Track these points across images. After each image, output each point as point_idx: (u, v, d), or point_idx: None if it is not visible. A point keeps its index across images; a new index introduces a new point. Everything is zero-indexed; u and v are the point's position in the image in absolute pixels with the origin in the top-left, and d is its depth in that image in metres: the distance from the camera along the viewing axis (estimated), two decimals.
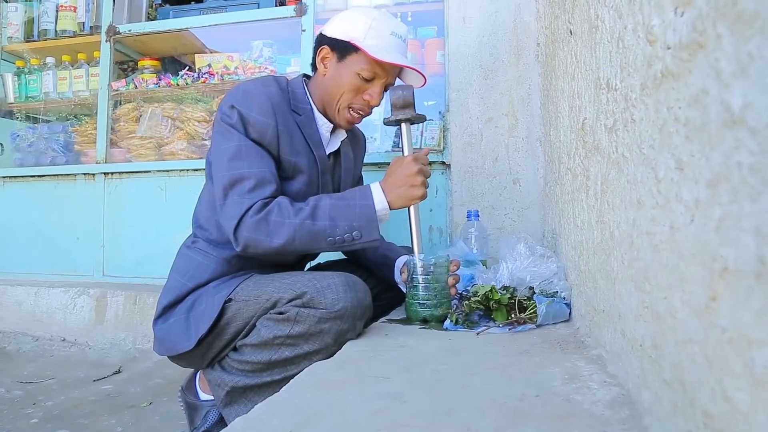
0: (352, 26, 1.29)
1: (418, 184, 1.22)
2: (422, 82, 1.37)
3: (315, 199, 1.20)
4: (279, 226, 1.15)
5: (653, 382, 0.58)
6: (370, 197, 1.21)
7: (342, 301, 1.07)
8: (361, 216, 1.18)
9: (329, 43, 1.33)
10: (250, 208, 1.15)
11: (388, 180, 1.24)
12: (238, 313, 1.16)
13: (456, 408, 0.67)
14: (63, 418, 1.45)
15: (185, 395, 1.33)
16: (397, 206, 1.23)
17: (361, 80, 1.30)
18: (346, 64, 1.30)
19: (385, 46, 1.29)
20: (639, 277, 0.63)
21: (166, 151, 2.49)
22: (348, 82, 1.30)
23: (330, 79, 1.33)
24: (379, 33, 1.29)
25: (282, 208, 1.16)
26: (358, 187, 1.25)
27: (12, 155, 2.78)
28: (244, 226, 1.15)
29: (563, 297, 1.20)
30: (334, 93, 1.32)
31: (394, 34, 1.31)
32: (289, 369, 1.11)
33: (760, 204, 0.35)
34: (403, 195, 1.22)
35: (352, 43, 1.28)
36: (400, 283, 1.41)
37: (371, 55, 1.25)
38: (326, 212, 1.17)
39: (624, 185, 0.70)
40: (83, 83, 2.68)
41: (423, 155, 1.27)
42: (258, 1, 2.48)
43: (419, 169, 1.23)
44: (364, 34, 1.28)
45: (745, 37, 0.36)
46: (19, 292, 2.35)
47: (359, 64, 1.29)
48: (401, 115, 1.30)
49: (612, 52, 0.76)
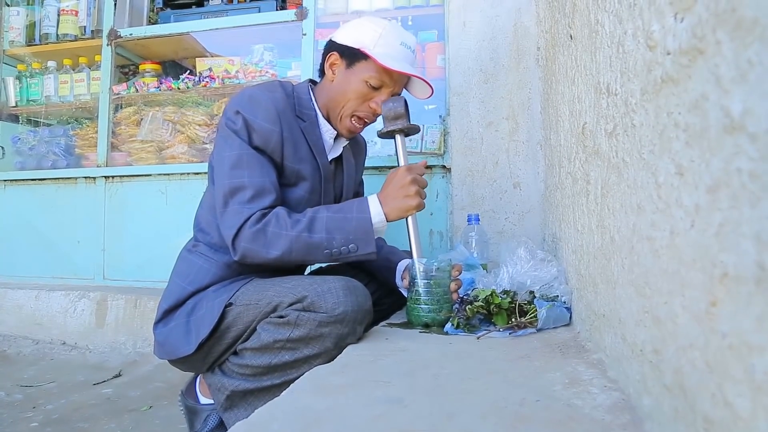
0: (362, 34, 1.31)
1: (412, 194, 1.22)
2: (429, 92, 1.38)
3: (312, 211, 1.20)
4: (276, 238, 1.15)
5: (654, 387, 0.58)
6: (366, 210, 1.21)
7: (342, 305, 1.07)
8: (357, 229, 1.18)
9: (338, 49, 1.34)
10: (248, 218, 1.16)
11: (384, 192, 1.24)
12: (239, 317, 1.16)
13: (457, 413, 0.67)
14: (63, 421, 1.45)
15: (185, 399, 1.33)
16: (393, 218, 1.23)
17: (369, 88, 1.31)
18: (355, 71, 1.31)
19: (394, 55, 1.29)
20: (639, 281, 0.63)
21: (166, 155, 2.50)
22: (355, 89, 1.31)
23: (337, 85, 1.34)
24: (389, 42, 1.30)
25: (280, 219, 1.16)
26: (356, 199, 1.25)
27: (13, 159, 2.79)
28: (242, 236, 1.16)
29: (564, 301, 1.20)
30: (340, 99, 1.33)
31: (404, 44, 1.32)
32: (289, 373, 1.11)
33: (759, 210, 0.35)
34: (398, 206, 1.22)
35: (361, 51, 1.29)
36: (402, 288, 1.41)
37: (380, 63, 1.26)
38: (323, 225, 1.17)
39: (624, 190, 0.70)
40: (84, 87, 2.68)
41: (418, 165, 1.27)
42: (259, 5, 2.49)
43: (413, 179, 1.23)
44: (374, 43, 1.29)
45: (745, 44, 0.36)
46: (19, 295, 2.35)
47: (367, 72, 1.30)
48: (393, 126, 1.30)
49: (612, 57, 0.76)
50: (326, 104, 1.36)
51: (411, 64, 1.35)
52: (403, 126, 1.30)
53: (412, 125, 1.32)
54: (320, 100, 1.37)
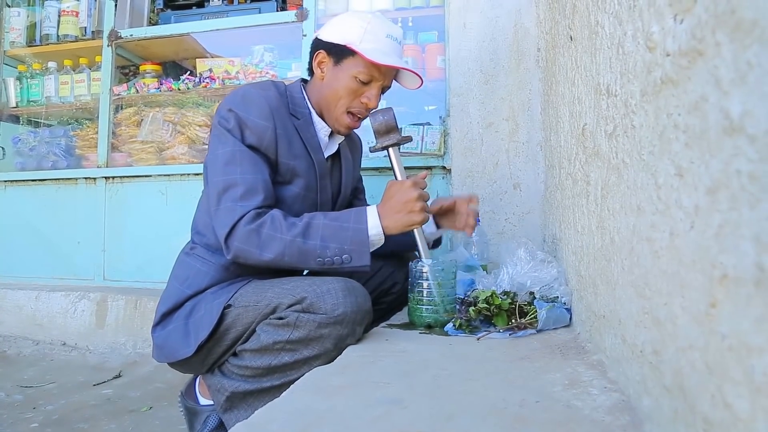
0: (347, 30, 1.30)
1: (417, 210, 1.20)
2: (419, 83, 1.38)
3: (309, 217, 1.19)
4: (270, 240, 1.14)
5: (654, 389, 0.58)
6: (364, 221, 1.19)
7: (342, 306, 1.07)
8: (353, 240, 1.16)
9: (325, 47, 1.33)
10: (242, 217, 1.15)
11: (386, 205, 1.22)
12: (238, 318, 1.16)
13: (456, 414, 0.67)
14: (63, 422, 1.45)
15: (185, 400, 1.33)
16: (394, 232, 1.21)
17: (359, 83, 1.30)
18: (343, 68, 1.31)
19: (382, 49, 1.29)
20: (639, 282, 0.63)
21: (167, 156, 2.50)
22: (345, 85, 1.30)
23: (327, 84, 1.33)
24: (375, 36, 1.29)
25: (275, 221, 1.16)
26: (355, 209, 1.23)
27: (13, 159, 2.79)
28: (236, 235, 1.15)
29: (564, 302, 1.20)
30: (332, 97, 1.32)
31: (390, 36, 1.31)
32: (289, 374, 1.11)
33: (759, 211, 0.35)
34: (402, 221, 1.20)
35: (348, 47, 1.28)
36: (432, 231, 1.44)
37: (368, 58, 1.26)
38: (318, 232, 1.16)
39: (624, 191, 0.70)
40: (85, 87, 2.68)
41: (421, 179, 1.26)
42: (259, 6, 2.49)
43: (419, 195, 1.21)
44: (360, 38, 1.28)
45: (744, 46, 0.36)
46: (19, 296, 2.35)
47: (356, 68, 1.29)
48: (387, 142, 1.30)
49: (612, 58, 0.76)
50: (319, 102, 1.36)
51: (399, 56, 1.35)
52: (397, 140, 1.30)
53: (404, 137, 1.32)
54: (313, 99, 1.37)
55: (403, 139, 1.31)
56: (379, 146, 1.31)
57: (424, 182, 1.27)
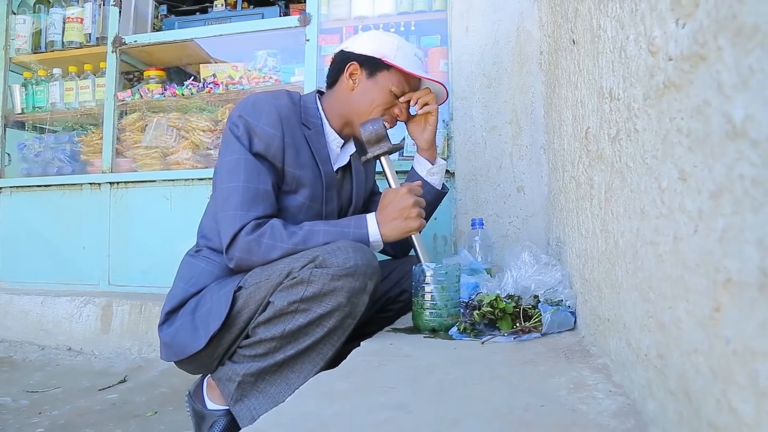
0: (381, 45, 1.37)
1: (413, 216, 1.25)
2: (445, 97, 1.47)
3: (309, 224, 1.21)
4: (271, 249, 1.17)
5: (659, 392, 0.58)
6: (364, 227, 1.23)
7: (353, 259, 1.10)
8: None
9: (358, 59, 1.37)
10: (243, 227, 1.17)
11: (383, 212, 1.25)
12: (250, 297, 1.16)
13: (461, 418, 0.67)
14: (69, 427, 1.45)
15: (192, 402, 1.33)
16: (392, 238, 1.25)
17: (393, 96, 1.38)
18: (377, 80, 1.37)
19: (413, 65, 1.38)
20: (643, 286, 0.63)
21: (171, 161, 2.51)
22: (380, 97, 1.37)
23: (359, 95, 1.38)
24: (405, 53, 1.38)
25: (275, 231, 1.18)
26: (353, 216, 1.27)
27: (19, 165, 2.81)
28: (237, 246, 1.18)
29: (568, 305, 1.20)
30: (365, 108, 1.37)
31: (416, 55, 1.42)
32: (302, 341, 1.12)
33: (762, 216, 0.35)
34: (399, 227, 1.24)
35: (384, 61, 1.35)
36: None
37: (408, 71, 1.35)
38: (319, 237, 1.18)
39: (628, 194, 0.70)
40: (89, 93, 2.70)
41: (417, 186, 1.30)
42: (262, 12, 2.50)
43: (415, 201, 1.25)
44: (393, 53, 1.36)
45: (746, 50, 0.36)
46: (25, 301, 2.37)
47: (391, 81, 1.37)
48: (379, 151, 1.33)
49: (614, 62, 0.76)
50: (343, 113, 1.40)
51: (426, 73, 1.43)
52: (389, 148, 1.33)
53: (395, 145, 1.35)
54: (332, 110, 1.40)
55: (394, 147, 1.34)
56: (371, 156, 1.34)
57: (420, 189, 1.30)
